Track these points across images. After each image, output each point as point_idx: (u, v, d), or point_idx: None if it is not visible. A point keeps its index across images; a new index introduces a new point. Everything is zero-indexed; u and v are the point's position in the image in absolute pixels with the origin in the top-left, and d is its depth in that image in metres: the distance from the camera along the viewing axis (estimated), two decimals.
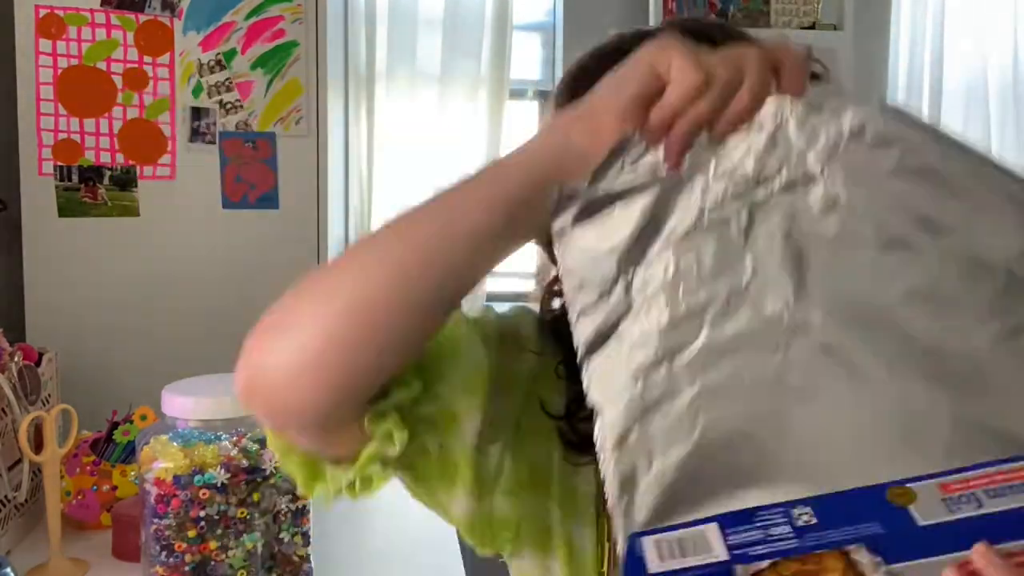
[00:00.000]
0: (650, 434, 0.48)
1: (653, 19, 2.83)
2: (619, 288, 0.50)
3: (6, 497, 1.32)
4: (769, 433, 0.47)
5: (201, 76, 1.84)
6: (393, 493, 0.86)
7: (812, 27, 2.90)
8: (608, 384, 0.49)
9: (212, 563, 1.03)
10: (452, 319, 0.60)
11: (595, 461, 0.61)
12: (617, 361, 0.49)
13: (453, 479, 0.64)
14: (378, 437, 0.57)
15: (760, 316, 0.49)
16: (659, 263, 0.50)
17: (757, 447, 0.47)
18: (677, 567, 0.45)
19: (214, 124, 1.85)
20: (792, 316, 0.49)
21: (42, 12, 1.78)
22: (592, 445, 0.59)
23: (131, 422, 1.50)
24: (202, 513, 1.01)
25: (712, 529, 0.46)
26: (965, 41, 3.07)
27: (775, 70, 0.50)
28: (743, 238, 0.50)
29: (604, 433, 0.49)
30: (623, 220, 0.51)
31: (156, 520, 1.02)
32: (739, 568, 0.44)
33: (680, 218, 0.51)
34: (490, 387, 0.63)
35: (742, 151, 0.51)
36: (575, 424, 0.66)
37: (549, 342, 0.69)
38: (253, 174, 1.86)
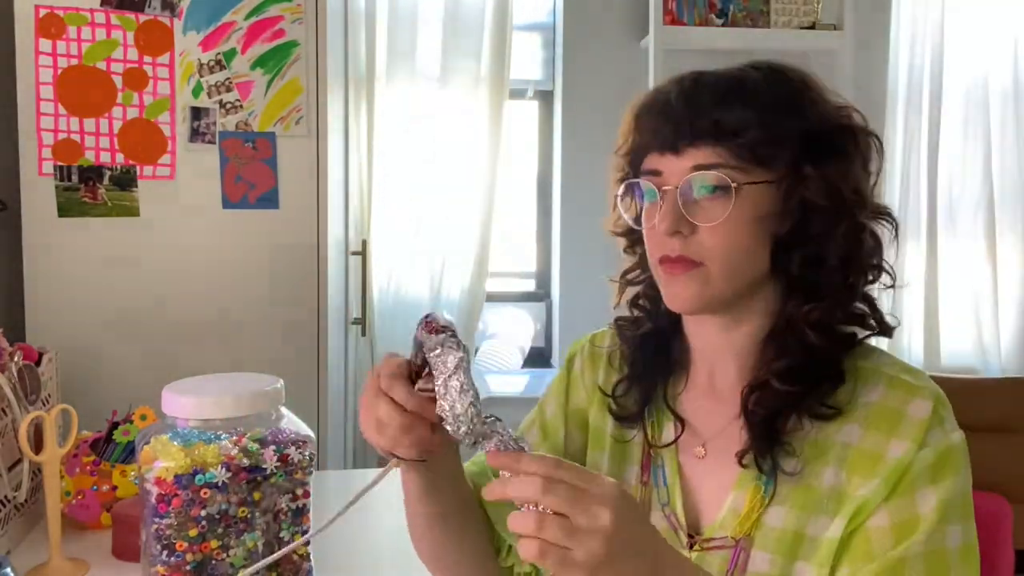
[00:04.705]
0: None
1: (653, 19, 2.82)
2: None
3: (6, 497, 1.32)
4: None
5: (201, 76, 1.84)
6: (393, 493, 0.86)
7: (812, 27, 2.89)
8: None
9: (213, 562, 1.03)
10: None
11: (639, 432, 0.92)
12: None
13: None
14: None
15: None
16: None
17: None
18: None
19: (214, 124, 1.85)
20: None
21: (42, 12, 1.79)
22: (633, 417, 0.92)
23: (131, 422, 1.50)
24: (203, 512, 1.01)
25: None
26: (965, 42, 3.07)
27: None
28: None
29: None
30: None
31: (157, 519, 1.02)
32: None
33: None
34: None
35: None
36: (619, 400, 0.93)
37: (623, 335, 0.94)
38: (253, 174, 1.86)
